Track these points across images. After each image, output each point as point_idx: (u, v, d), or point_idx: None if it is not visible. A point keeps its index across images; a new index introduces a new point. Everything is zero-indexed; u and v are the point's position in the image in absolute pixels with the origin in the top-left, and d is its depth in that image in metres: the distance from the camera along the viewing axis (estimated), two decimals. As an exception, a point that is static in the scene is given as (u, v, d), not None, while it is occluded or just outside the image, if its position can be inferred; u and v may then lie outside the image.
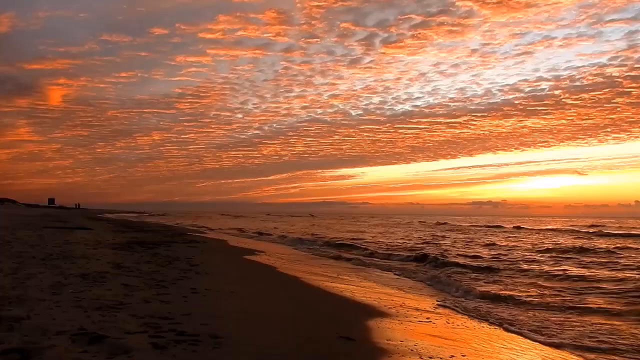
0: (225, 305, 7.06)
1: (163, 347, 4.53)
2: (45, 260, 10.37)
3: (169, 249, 15.65)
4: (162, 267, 10.78)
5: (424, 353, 5.54)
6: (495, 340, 6.82)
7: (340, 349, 5.40)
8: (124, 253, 13.48)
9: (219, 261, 14.06)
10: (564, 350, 6.57)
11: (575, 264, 16.53)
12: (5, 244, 13.74)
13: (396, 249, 22.82)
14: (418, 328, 7.04)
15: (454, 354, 5.65)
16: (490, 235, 36.73)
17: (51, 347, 4.25)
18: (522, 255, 19.91)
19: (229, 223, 59.32)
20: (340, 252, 21.83)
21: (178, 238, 22.36)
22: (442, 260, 17.27)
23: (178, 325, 5.37)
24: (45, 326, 4.91)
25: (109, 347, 4.37)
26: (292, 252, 21.87)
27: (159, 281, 8.64)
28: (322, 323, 6.86)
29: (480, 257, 19.00)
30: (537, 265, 16.19)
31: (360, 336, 6.09)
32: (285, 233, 36.19)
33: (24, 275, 8.07)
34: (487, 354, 5.91)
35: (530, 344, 6.85)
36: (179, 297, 7.30)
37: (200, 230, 36.47)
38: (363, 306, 8.51)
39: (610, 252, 20.61)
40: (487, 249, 22.99)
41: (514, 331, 7.49)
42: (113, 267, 10.03)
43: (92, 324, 5.14)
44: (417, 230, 45.63)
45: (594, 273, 14.13)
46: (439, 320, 7.87)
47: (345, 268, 15.67)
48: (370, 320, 7.17)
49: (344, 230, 44.54)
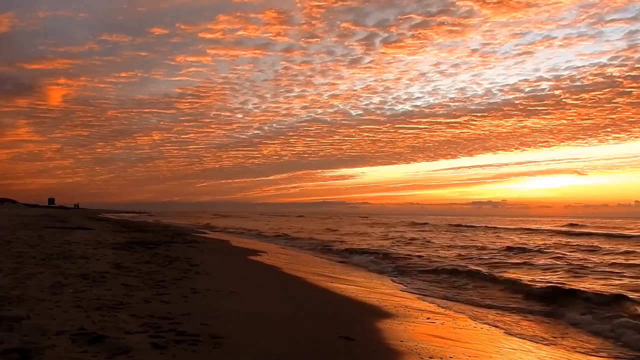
0: (225, 305, 7.06)
1: (163, 347, 4.53)
2: (45, 260, 10.37)
3: (169, 249, 15.65)
4: (162, 267, 10.78)
5: (424, 352, 5.55)
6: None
7: (340, 348, 5.40)
8: (124, 253, 13.48)
9: (219, 261, 14.06)
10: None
11: (476, 258, 18.92)
12: (5, 244, 13.75)
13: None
14: (420, 328, 7.05)
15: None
16: (449, 233, 38.77)
17: (51, 347, 4.25)
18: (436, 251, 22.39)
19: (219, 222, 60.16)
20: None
21: (178, 238, 22.37)
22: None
23: (178, 325, 5.37)
24: (45, 326, 4.91)
25: (109, 347, 4.37)
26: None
27: (159, 281, 8.64)
28: (322, 323, 6.86)
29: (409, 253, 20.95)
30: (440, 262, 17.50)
31: (360, 336, 6.09)
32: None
33: (24, 275, 8.07)
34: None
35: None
36: (179, 297, 7.30)
37: (195, 230, 36.48)
38: (363, 305, 8.52)
39: (539, 250, 21.99)
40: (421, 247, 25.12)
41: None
42: (113, 267, 10.03)
43: (92, 324, 5.14)
44: (396, 230, 46.79)
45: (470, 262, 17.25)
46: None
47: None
48: (372, 319, 7.18)
49: (319, 229, 45.13)
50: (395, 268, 15.88)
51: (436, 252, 21.72)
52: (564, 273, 14.58)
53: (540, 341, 7.17)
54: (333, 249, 23.12)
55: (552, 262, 17.23)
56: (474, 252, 21.71)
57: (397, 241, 28.87)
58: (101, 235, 20.93)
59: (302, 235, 34.29)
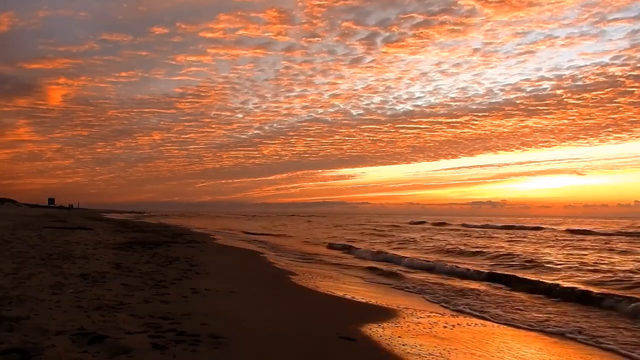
0: (226, 305, 7.07)
1: (163, 347, 4.53)
2: (45, 260, 10.38)
3: (169, 249, 15.65)
4: (162, 267, 10.78)
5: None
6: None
7: (341, 348, 5.40)
8: (124, 253, 13.49)
9: (220, 261, 14.05)
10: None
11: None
12: (5, 244, 13.75)
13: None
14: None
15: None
16: (415, 232, 39.27)
17: (51, 347, 4.25)
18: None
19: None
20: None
21: (178, 238, 22.37)
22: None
23: (178, 325, 5.37)
24: (45, 326, 4.91)
25: (109, 347, 4.37)
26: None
27: (159, 281, 8.65)
28: (322, 323, 6.86)
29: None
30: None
31: (360, 336, 6.09)
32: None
33: (24, 275, 8.07)
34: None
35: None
36: (179, 297, 7.31)
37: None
38: (363, 305, 8.51)
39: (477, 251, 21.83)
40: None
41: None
42: (113, 267, 10.04)
43: (92, 324, 5.14)
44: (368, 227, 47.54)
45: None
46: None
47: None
48: (372, 319, 7.17)
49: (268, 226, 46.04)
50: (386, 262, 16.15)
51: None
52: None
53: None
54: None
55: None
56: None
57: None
58: (101, 236, 20.94)
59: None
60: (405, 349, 5.66)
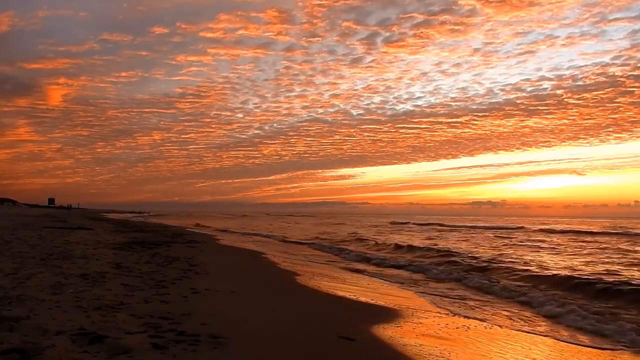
0: (226, 305, 7.07)
1: (163, 347, 4.53)
2: (45, 260, 10.38)
3: (169, 249, 15.66)
4: (162, 267, 10.78)
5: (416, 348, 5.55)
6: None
7: (341, 348, 5.40)
8: (124, 253, 13.49)
9: (220, 261, 14.05)
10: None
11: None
12: (5, 244, 13.75)
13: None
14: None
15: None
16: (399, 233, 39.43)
17: (51, 347, 4.25)
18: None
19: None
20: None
21: (178, 238, 22.37)
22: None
23: (178, 325, 5.37)
24: (45, 326, 4.91)
25: (109, 347, 4.37)
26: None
27: (159, 281, 8.65)
28: (322, 322, 6.86)
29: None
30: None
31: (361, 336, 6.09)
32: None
33: (24, 275, 8.07)
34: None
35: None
36: (179, 297, 7.31)
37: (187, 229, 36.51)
38: (363, 305, 8.51)
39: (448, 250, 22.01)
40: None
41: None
42: (113, 267, 10.04)
43: (92, 324, 5.14)
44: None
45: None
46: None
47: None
48: (372, 319, 7.17)
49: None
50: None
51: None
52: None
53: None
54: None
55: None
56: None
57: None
58: (101, 235, 20.94)
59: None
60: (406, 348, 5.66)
